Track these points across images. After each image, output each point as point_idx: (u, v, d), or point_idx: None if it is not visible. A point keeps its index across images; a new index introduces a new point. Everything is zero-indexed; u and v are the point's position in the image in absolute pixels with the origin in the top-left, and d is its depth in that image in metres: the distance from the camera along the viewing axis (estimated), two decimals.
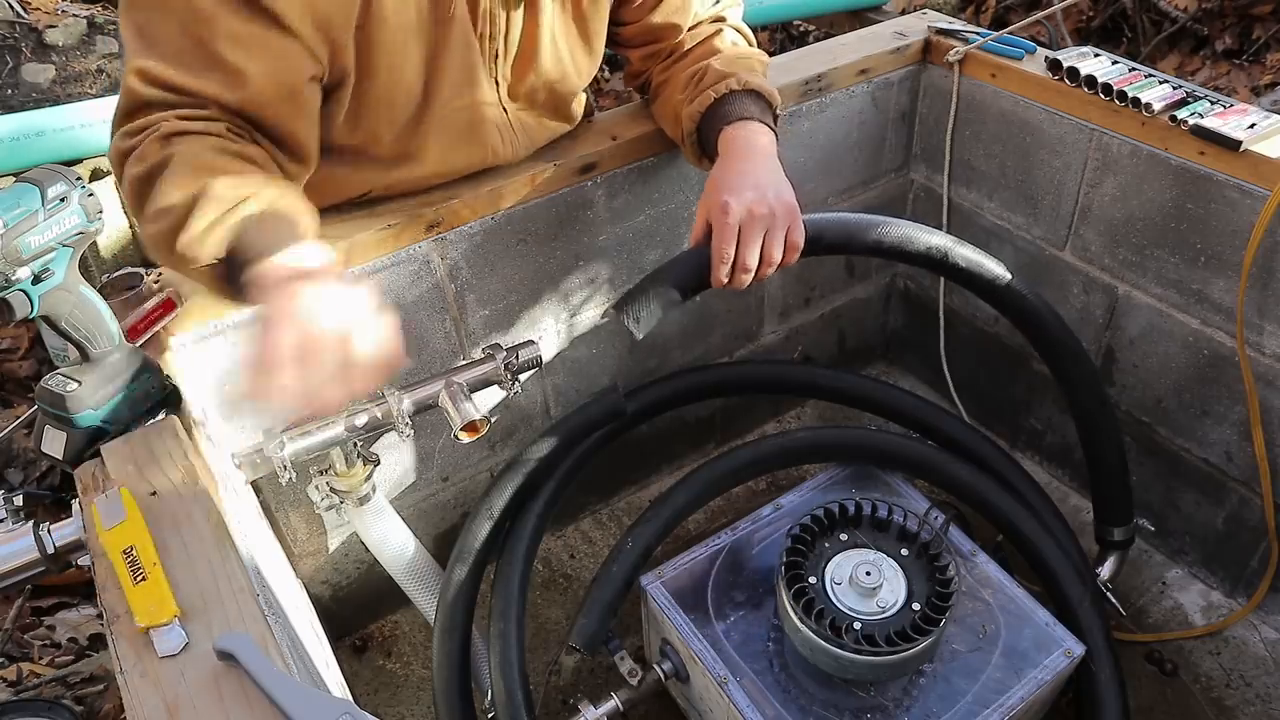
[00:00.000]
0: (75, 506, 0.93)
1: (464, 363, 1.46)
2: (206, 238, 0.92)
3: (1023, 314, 1.47)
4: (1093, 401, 1.54)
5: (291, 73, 1.02)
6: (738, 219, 1.16)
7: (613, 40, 1.38)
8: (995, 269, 1.43)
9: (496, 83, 1.23)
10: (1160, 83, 1.48)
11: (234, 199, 0.93)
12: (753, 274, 1.19)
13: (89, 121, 1.81)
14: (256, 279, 0.91)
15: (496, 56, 1.19)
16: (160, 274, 1.26)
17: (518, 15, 1.18)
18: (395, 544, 1.48)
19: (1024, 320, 1.48)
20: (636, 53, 1.40)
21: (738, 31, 1.40)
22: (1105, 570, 1.61)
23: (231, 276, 0.94)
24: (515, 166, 1.38)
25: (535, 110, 1.33)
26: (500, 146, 1.31)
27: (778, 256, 1.19)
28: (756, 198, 1.17)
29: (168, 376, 1.07)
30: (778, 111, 1.33)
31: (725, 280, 1.21)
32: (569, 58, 1.29)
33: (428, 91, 1.16)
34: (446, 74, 1.16)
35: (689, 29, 1.36)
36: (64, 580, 1.93)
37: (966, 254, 1.42)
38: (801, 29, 3.64)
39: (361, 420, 1.31)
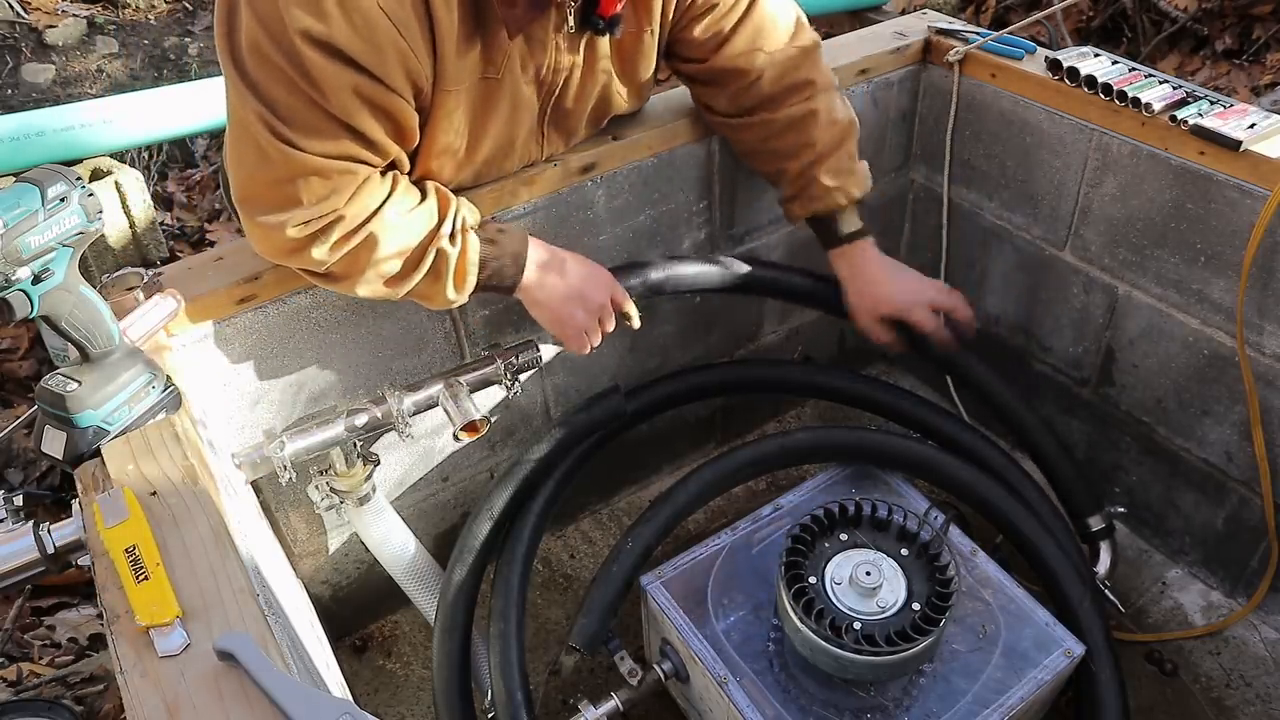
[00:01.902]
0: (75, 506, 0.93)
1: (464, 363, 1.47)
2: (459, 297, 1.23)
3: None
4: (1002, 398, 1.61)
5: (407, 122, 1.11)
6: (938, 314, 1.53)
7: (688, 80, 1.43)
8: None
9: (544, 112, 1.26)
10: (1160, 83, 1.48)
11: (457, 249, 1.19)
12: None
13: (89, 121, 1.80)
14: (521, 297, 1.31)
15: (551, 94, 1.24)
16: (160, 274, 1.26)
17: (578, 64, 1.22)
18: (395, 544, 1.48)
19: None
20: (715, 97, 1.42)
21: (829, 93, 1.41)
22: (1101, 567, 1.61)
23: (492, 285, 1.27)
24: None
25: (569, 133, 1.37)
26: (520, 163, 1.36)
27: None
28: (939, 295, 1.55)
29: (168, 376, 1.07)
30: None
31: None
32: (616, 97, 1.32)
33: (471, 143, 1.21)
34: (493, 124, 1.21)
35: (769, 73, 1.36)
36: (64, 580, 1.93)
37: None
38: None
39: (361, 420, 1.31)
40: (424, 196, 1.18)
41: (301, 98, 1.00)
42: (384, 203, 1.12)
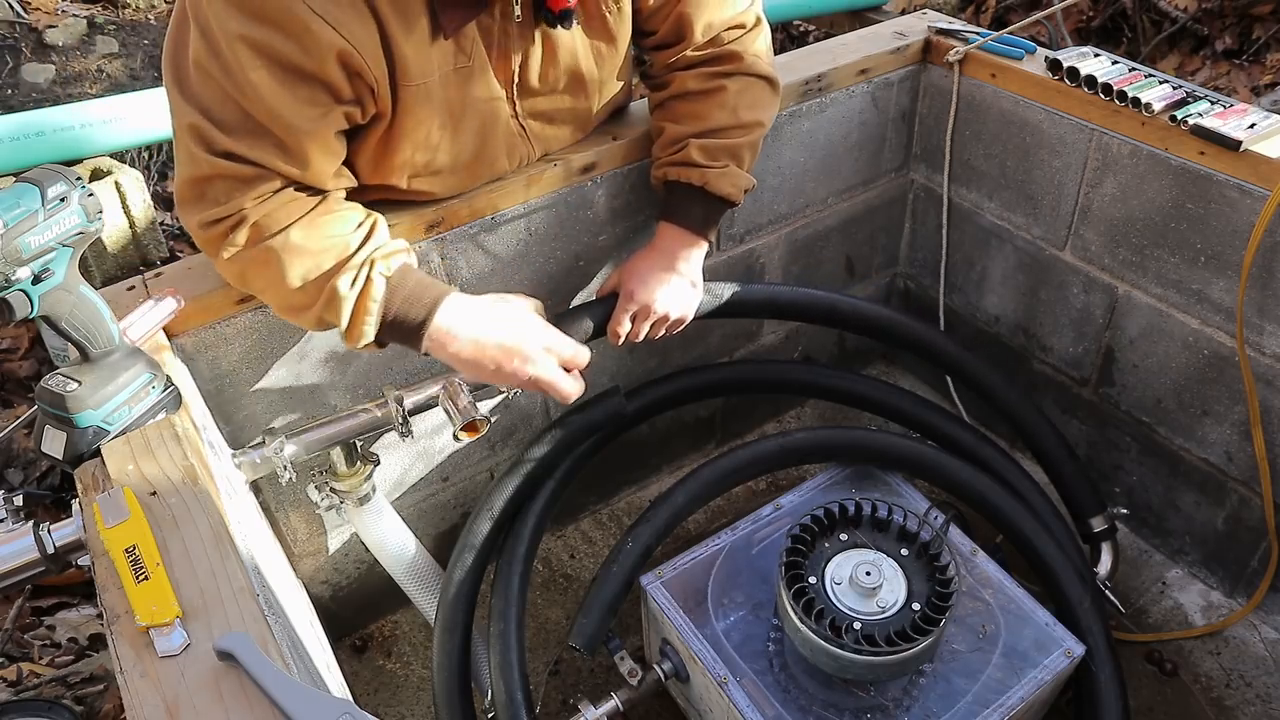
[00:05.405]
0: (75, 506, 0.93)
1: None
2: (360, 333, 1.12)
3: (905, 334, 1.64)
4: (1012, 398, 1.61)
5: (330, 128, 1.09)
6: (633, 312, 1.36)
7: (636, 35, 1.38)
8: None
9: (513, 101, 1.25)
10: (1160, 83, 1.48)
11: (355, 293, 1.10)
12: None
13: (89, 121, 1.80)
14: (431, 349, 1.15)
15: (513, 82, 1.23)
16: (160, 273, 1.26)
17: (535, 44, 1.20)
18: (395, 544, 1.48)
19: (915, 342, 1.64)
20: (654, 54, 1.39)
21: (750, 75, 1.34)
22: (1103, 568, 1.61)
23: (398, 336, 1.16)
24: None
25: (553, 122, 1.35)
26: (510, 162, 1.34)
27: (656, 335, 1.41)
28: (660, 305, 1.36)
29: (168, 376, 1.07)
30: (736, 201, 1.37)
31: (617, 344, 1.40)
32: (590, 74, 1.30)
33: (453, 133, 1.20)
34: (468, 116, 1.20)
35: (705, 39, 1.32)
36: (64, 580, 1.93)
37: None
38: (801, 29, 3.64)
39: (361, 420, 1.31)
40: (356, 226, 1.12)
41: (232, 104, 1.02)
42: (296, 221, 1.08)
